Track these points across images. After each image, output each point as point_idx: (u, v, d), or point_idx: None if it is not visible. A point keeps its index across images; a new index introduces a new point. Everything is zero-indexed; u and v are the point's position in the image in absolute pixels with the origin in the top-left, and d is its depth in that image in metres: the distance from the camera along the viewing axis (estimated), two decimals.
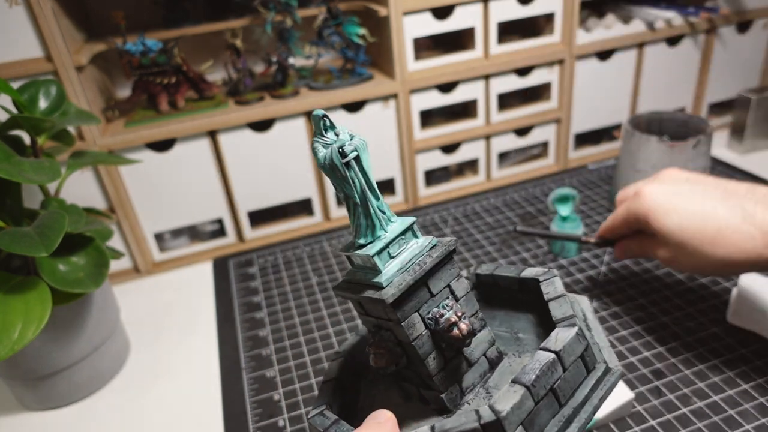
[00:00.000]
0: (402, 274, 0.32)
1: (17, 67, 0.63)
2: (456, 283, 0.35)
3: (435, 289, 0.34)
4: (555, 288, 0.35)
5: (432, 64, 0.80)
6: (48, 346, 0.53)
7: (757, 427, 0.45)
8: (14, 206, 0.51)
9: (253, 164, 0.77)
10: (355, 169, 0.32)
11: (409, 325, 0.33)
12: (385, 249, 0.33)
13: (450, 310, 0.33)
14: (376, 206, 0.33)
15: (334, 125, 0.33)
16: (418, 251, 0.33)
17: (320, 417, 0.36)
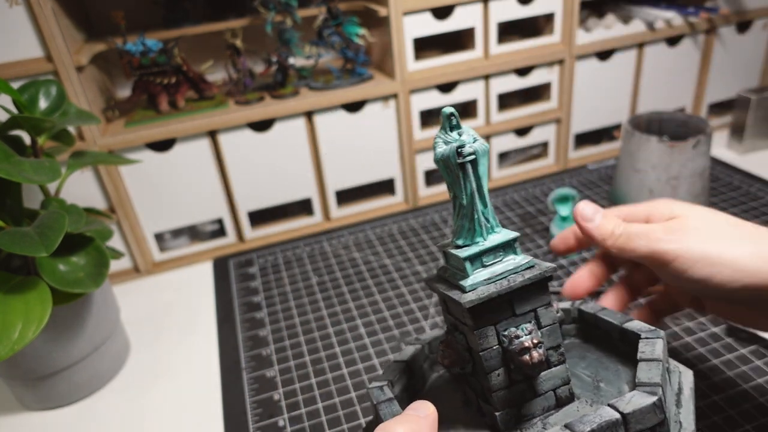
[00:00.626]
0: (488, 285, 0.32)
1: (17, 67, 0.63)
2: (543, 311, 0.33)
3: (519, 310, 0.33)
4: (653, 350, 0.33)
5: (432, 64, 0.80)
6: (48, 346, 0.53)
7: (756, 427, 0.45)
8: (14, 206, 0.51)
9: (253, 164, 0.77)
10: (470, 172, 0.32)
11: (481, 335, 0.32)
12: (480, 256, 0.33)
13: (527, 335, 0.32)
14: (481, 212, 0.33)
15: (460, 125, 0.32)
16: (512, 267, 0.32)
17: (378, 390, 0.36)
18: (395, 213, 0.85)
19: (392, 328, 0.61)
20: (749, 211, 0.74)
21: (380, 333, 0.61)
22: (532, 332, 0.32)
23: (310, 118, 0.77)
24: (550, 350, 0.34)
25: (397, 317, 0.63)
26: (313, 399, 0.53)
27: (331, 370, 0.57)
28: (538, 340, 0.32)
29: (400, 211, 0.85)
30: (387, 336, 0.60)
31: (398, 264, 0.73)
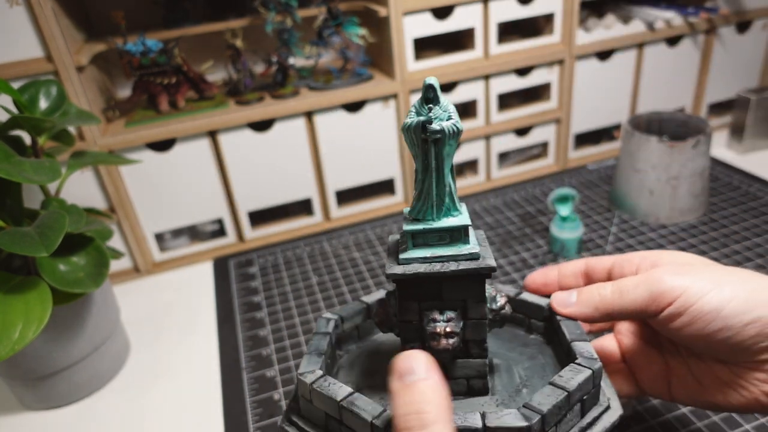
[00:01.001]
0: (422, 264, 0.32)
1: (18, 68, 0.63)
2: (474, 304, 0.33)
3: (446, 296, 0.33)
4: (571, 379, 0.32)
5: (432, 64, 0.80)
6: (48, 346, 0.53)
7: (757, 427, 0.45)
8: (14, 206, 0.51)
9: (253, 164, 0.77)
10: (432, 150, 0.31)
11: (403, 308, 0.34)
12: (424, 234, 0.32)
13: (444, 321, 0.33)
14: (435, 193, 0.32)
15: (439, 100, 0.31)
16: (453, 254, 0.32)
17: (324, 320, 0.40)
18: (395, 213, 0.85)
19: None
20: (749, 211, 0.74)
21: None
22: (450, 320, 0.33)
23: (310, 118, 0.77)
24: (471, 342, 0.34)
25: None
26: None
27: None
28: (451, 330, 0.32)
29: (400, 211, 0.85)
30: None
31: None
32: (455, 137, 0.31)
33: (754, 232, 0.70)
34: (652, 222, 0.74)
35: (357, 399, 0.32)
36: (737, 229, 0.71)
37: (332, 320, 0.40)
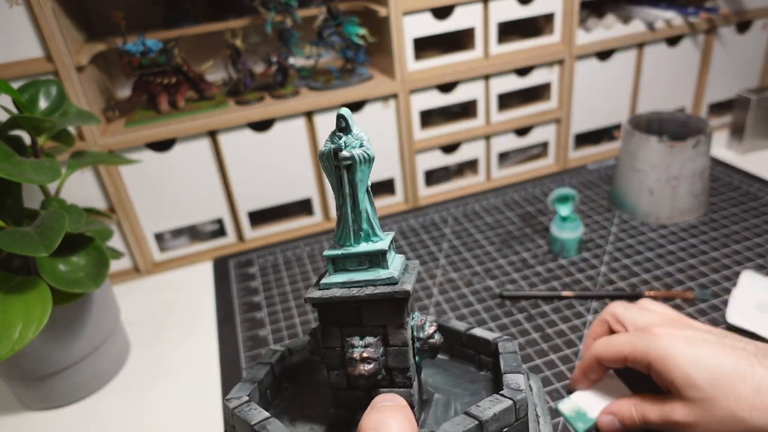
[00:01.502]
0: (337, 289, 0.33)
1: (17, 67, 0.63)
2: (394, 330, 0.33)
3: (366, 321, 0.33)
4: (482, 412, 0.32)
5: (432, 64, 0.80)
6: (48, 346, 0.53)
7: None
8: (14, 206, 0.51)
9: (253, 164, 0.77)
10: (345, 176, 0.32)
11: (325, 333, 0.34)
12: (344, 260, 0.33)
13: (362, 347, 0.32)
14: (351, 219, 0.33)
15: (351, 129, 0.32)
16: (371, 279, 0.32)
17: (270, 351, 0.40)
18: (395, 213, 0.85)
19: None
20: (749, 211, 0.74)
21: None
22: (369, 346, 0.32)
23: (310, 118, 0.77)
24: (395, 371, 0.34)
25: None
26: None
27: None
28: (368, 355, 0.32)
29: (400, 211, 0.85)
30: None
31: None
32: (366, 163, 0.32)
33: (754, 232, 0.70)
34: (652, 222, 0.74)
35: (270, 424, 0.31)
36: (737, 229, 0.71)
37: (278, 352, 0.40)
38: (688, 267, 0.65)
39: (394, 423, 0.28)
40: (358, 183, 0.32)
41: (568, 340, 0.56)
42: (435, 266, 0.71)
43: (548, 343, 0.56)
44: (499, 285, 0.66)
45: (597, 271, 0.66)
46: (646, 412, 0.41)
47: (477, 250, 0.73)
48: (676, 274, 0.64)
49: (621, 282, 0.64)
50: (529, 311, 0.61)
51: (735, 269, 0.63)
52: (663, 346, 0.40)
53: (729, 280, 0.62)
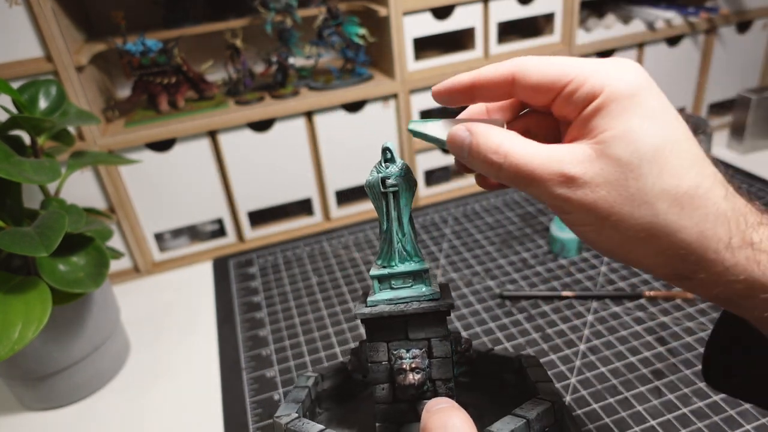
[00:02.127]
0: (387, 305, 0.35)
1: (17, 67, 0.63)
2: (437, 342, 0.36)
3: (412, 335, 0.35)
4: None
5: (432, 64, 0.80)
6: (48, 346, 0.53)
7: (757, 427, 0.45)
8: (14, 206, 0.51)
9: (253, 164, 0.77)
10: (391, 201, 0.35)
11: (372, 348, 0.36)
12: (389, 279, 0.36)
13: (410, 358, 0.34)
14: (397, 240, 0.35)
15: (394, 159, 0.35)
16: (416, 295, 0.35)
17: (303, 377, 0.42)
18: None
19: None
20: None
21: None
22: (416, 357, 0.35)
23: (310, 118, 0.77)
24: (438, 381, 0.36)
25: None
26: None
27: None
28: (416, 366, 0.34)
29: None
30: None
31: None
32: (410, 191, 0.35)
33: None
34: None
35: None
36: None
37: (312, 377, 0.42)
38: None
39: (458, 420, 0.28)
40: (403, 208, 0.35)
41: (568, 340, 0.56)
42: (435, 266, 0.71)
43: (548, 343, 0.56)
44: (499, 285, 0.66)
45: (597, 271, 0.66)
46: (519, 150, 0.27)
47: (477, 250, 0.73)
48: None
49: (621, 282, 0.64)
50: (529, 311, 0.61)
51: None
52: (632, 82, 0.26)
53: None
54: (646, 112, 0.26)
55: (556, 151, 0.27)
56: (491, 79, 0.30)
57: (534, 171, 0.27)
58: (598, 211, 0.26)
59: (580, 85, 0.27)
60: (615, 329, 0.57)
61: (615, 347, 0.55)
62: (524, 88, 0.30)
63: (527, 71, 0.30)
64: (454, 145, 0.30)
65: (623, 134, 0.26)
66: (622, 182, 0.26)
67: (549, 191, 0.27)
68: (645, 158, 0.25)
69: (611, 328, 0.57)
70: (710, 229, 0.26)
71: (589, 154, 0.26)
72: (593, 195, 0.26)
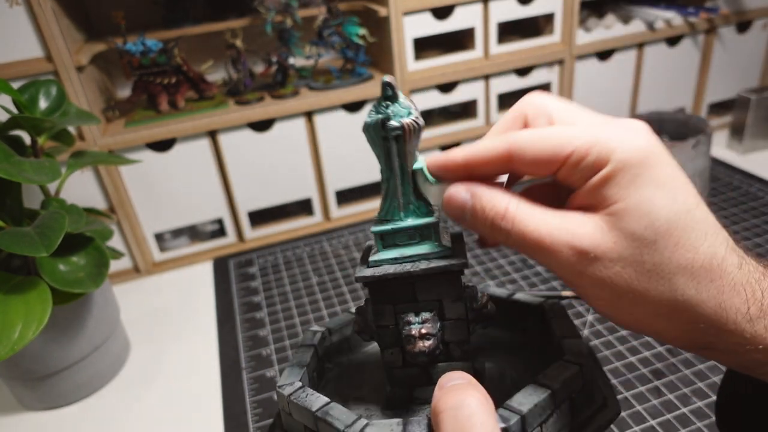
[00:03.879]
0: (389, 265, 0.31)
1: (17, 67, 0.63)
2: (450, 304, 0.32)
3: (421, 297, 0.32)
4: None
5: (432, 64, 0.80)
6: (48, 346, 0.53)
7: None
8: (14, 206, 0.51)
9: (253, 164, 0.77)
10: (393, 148, 0.30)
11: (377, 312, 0.33)
12: (393, 234, 0.31)
13: (419, 323, 0.31)
14: (401, 192, 0.31)
15: (398, 97, 0.30)
16: (424, 253, 0.31)
17: (311, 333, 0.38)
18: None
19: None
20: (749, 211, 0.74)
21: None
22: (426, 321, 0.31)
23: (310, 118, 0.77)
24: (452, 344, 0.33)
25: None
26: None
27: None
28: (426, 331, 0.31)
29: None
30: None
31: None
32: (416, 133, 0.30)
33: (755, 232, 0.70)
34: None
35: (332, 409, 0.31)
36: (737, 229, 0.71)
37: (318, 333, 0.39)
38: None
39: (473, 401, 0.24)
40: (407, 154, 0.30)
41: None
42: None
43: None
44: (499, 285, 0.66)
45: None
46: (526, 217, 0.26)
47: (476, 249, 0.73)
48: None
49: None
50: None
51: None
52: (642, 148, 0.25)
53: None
54: (658, 180, 0.25)
55: (567, 221, 0.26)
56: (485, 158, 0.28)
57: (543, 241, 0.26)
58: (614, 287, 0.25)
59: (585, 156, 0.25)
60: (614, 329, 0.57)
61: (615, 347, 0.55)
62: (523, 165, 0.27)
63: (523, 148, 0.27)
64: (453, 208, 0.28)
65: (635, 207, 0.24)
66: (637, 257, 0.25)
67: (559, 264, 0.26)
68: (660, 232, 0.24)
69: (611, 328, 0.57)
70: (727, 300, 0.25)
71: (600, 227, 0.25)
72: (607, 271, 0.25)
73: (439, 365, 0.33)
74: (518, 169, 0.28)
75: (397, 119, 0.29)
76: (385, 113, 0.29)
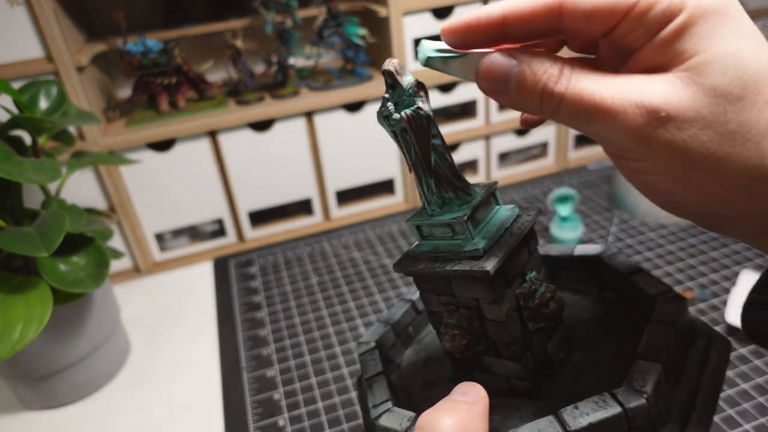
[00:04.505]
0: (421, 261, 0.29)
1: (18, 68, 0.63)
2: (488, 306, 0.29)
3: (458, 293, 0.29)
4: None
5: None
6: (49, 345, 0.53)
7: (756, 427, 0.45)
8: (15, 206, 0.51)
9: (253, 164, 0.77)
10: (406, 140, 0.27)
11: (425, 299, 0.30)
12: (428, 227, 0.29)
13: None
14: (424, 186, 0.28)
15: (400, 84, 0.27)
16: (453, 251, 0.28)
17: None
18: (395, 213, 0.85)
19: None
20: None
21: None
22: (460, 320, 0.29)
23: (310, 118, 0.77)
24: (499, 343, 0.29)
25: None
26: (313, 399, 0.54)
27: (331, 370, 0.57)
28: (458, 332, 0.29)
29: (400, 211, 0.85)
30: None
31: None
32: (422, 123, 0.27)
33: None
34: (651, 222, 0.74)
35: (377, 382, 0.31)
36: None
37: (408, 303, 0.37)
38: (688, 267, 0.65)
39: (445, 427, 0.22)
40: (421, 146, 0.27)
41: None
42: None
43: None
44: None
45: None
46: (584, 77, 0.22)
47: None
48: (676, 274, 0.64)
49: None
50: None
51: (734, 269, 0.63)
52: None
53: (728, 280, 0.62)
54: (742, 31, 0.21)
55: (632, 80, 0.22)
56: (530, 10, 0.23)
57: (604, 101, 0.21)
58: (688, 154, 0.21)
59: (654, 2, 0.21)
60: None
61: None
62: (575, 17, 0.22)
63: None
64: (493, 76, 0.23)
65: (719, 58, 0.21)
66: (720, 117, 0.21)
67: (624, 129, 0.21)
68: (748, 87, 0.20)
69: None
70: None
71: (674, 84, 0.21)
72: (681, 134, 0.21)
73: (487, 359, 0.30)
74: (567, 25, 0.23)
75: (401, 111, 0.27)
76: (386, 109, 0.27)
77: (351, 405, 0.52)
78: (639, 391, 0.24)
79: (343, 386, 0.55)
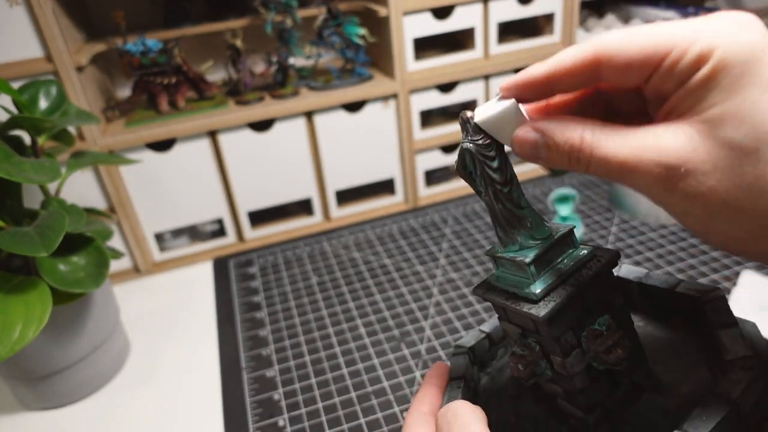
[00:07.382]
0: (491, 292, 0.30)
1: (17, 68, 0.63)
2: (546, 343, 0.29)
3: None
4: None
5: (432, 64, 0.80)
6: (48, 345, 0.53)
7: None
8: (14, 206, 0.51)
9: (253, 164, 0.77)
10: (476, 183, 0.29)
11: (501, 323, 0.31)
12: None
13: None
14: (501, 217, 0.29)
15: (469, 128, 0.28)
16: (514, 291, 0.29)
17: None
18: (395, 213, 0.85)
19: (392, 328, 0.61)
20: None
21: (380, 333, 0.61)
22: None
23: (310, 118, 0.77)
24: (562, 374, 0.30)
25: (396, 317, 0.63)
26: (313, 399, 0.54)
27: (331, 370, 0.57)
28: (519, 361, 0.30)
29: (400, 211, 0.85)
30: (387, 336, 0.60)
31: (398, 264, 0.73)
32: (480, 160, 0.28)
33: None
34: (652, 222, 0.74)
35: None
36: None
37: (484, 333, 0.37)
38: (688, 267, 0.65)
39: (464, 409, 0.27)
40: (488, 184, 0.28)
41: None
42: (435, 266, 0.71)
43: None
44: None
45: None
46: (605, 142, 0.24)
47: (477, 250, 0.73)
48: (676, 274, 0.64)
49: None
50: None
51: (735, 269, 0.63)
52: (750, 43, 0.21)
53: (729, 280, 0.62)
54: (765, 81, 0.21)
55: (651, 137, 0.23)
56: (572, 68, 0.25)
57: (626, 163, 0.23)
58: (707, 204, 0.22)
59: (685, 52, 0.22)
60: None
61: None
62: (613, 71, 0.24)
63: (614, 50, 0.24)
64: (524, 150, 0.26)
65: (735, 111, 0.21)
66: (736, 169, 0.21)
67: (648, 184, 0.23)
68: (763, 139, 0.21)
69: None
70: None
71: (691, 138, 0.22)
72: (700, 186, 0.22)
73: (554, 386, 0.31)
74: (605, 78, 0.25)
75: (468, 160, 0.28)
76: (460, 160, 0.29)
77: (351, 405, 0.52)
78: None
79: (344, 387, 0.54)
